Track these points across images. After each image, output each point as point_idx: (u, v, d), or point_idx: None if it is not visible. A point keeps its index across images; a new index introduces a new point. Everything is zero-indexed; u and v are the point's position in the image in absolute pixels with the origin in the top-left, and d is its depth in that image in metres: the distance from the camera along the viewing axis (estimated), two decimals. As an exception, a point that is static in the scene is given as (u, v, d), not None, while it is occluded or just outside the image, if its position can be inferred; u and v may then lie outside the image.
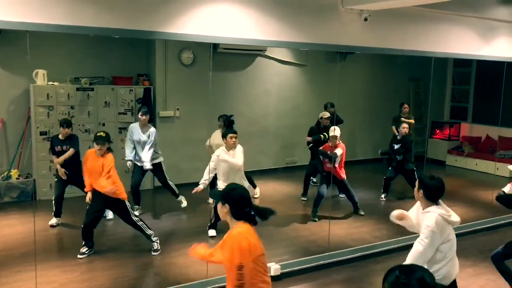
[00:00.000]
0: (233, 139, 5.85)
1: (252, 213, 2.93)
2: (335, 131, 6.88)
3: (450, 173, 10.65)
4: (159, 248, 5.66)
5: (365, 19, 5.44)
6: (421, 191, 3.43)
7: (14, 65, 7.43)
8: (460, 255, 5.21)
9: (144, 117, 6.77)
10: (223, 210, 2.92)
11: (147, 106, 8.11)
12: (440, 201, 3.49)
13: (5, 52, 7.32)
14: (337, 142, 6.92)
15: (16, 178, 7.44)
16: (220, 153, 5.91)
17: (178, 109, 8.54)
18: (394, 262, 5.65)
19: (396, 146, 7.99)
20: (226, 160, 5.83)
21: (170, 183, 7.15)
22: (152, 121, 8.29)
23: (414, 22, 5.94)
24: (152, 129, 6.90)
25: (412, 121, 9.11)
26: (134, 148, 6.85)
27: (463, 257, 5.64)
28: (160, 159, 7.02)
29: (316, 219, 6.89)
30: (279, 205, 7.51)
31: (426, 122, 11.48)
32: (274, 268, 5.11)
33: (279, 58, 9.78)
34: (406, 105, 9.41)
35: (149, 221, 6.78)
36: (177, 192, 7.23)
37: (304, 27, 5.14)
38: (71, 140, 6.35)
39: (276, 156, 9.97)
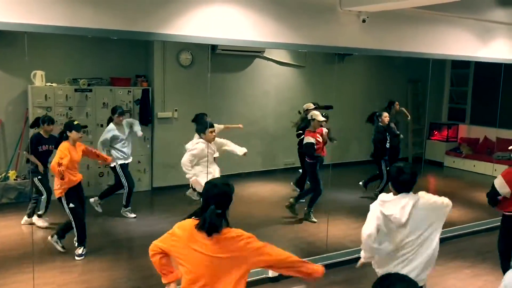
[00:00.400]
0: (213, 133, 5.98)
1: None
2: (320, 116, 6.90)
3: (448, 175, 10.67)
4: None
5: (363, 21, 5.44)
6: (390, 183, 3.41)
7: (12, 66, 7.42)
8: (458, 256, 5.25)
9: (121, 118, 6.81)
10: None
11: (145, 107, 8.15)
12: (411, 193, 3.33)
13: (3, 53, 7.31)
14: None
15: (14, 179, 7.43)
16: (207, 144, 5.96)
17: (176, 110, 8.54)
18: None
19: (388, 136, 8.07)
20: (233, 150, 6.30)
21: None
22: (150, 122, 8.32)
23: (412, 24, 5.95)
24: (130, 120, 7.12)
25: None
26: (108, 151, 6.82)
27: (462, 259, 5.66)
28: None
29: (315, 220, 6.89)
30: (277, 206, 7.51)
31: (424, 123, 11.49)
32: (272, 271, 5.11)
33: (278, 60, 9.79)
34: (397, 103, 9.39)
35: (146, 222, 6.80)
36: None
37: (302, 29, 5.14)
38: (56, 139, 6.06)
39: (275, 157, 9.97)
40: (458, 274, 5.38)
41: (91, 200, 6.81)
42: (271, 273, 5.07)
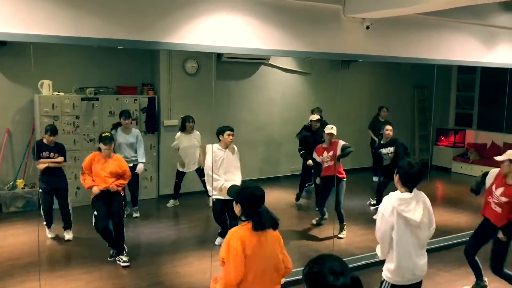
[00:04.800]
0: (231, 137, 5.89)
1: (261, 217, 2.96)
2: (333, 128, 6.68)
3: (455, 180, 10.61)
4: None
5: (367, 27, 5.45)
6: (397, 175, 3.54)
7: (20, 75, 7.49)
8: (465, 262, 5.20)
9: (127, 121, 6.96)
10: (236, 209, 3.03)
11: (152, 115, 8.20)
12: (416, 190, 3.55)
13: (10, 63, 7.39)
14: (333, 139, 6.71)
15: (22, 188, 7.47)
16: (218, 150, 5.87)
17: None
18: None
19: (384, 151, 7.58)
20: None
21: None
22: (156, 130, 8.36)
23: (416, 30, 5.95)
24: (137, 131, 7.25)
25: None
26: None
27: (468, 264, 5.59)
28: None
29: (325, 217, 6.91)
30: (283, 213, 7.49)
31: (431, 129, 11.45)
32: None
33: (283, 67, 9.81)
34: (385, 109, 9.41)
35: (152, 230, 6.82)
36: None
37: (306, 36, 5.16)
38: (61, 148, 6.24)
39: (281, 164, 9.97)
40: (466, 281, 5.34)
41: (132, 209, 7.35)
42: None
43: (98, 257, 5.73)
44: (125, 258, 5.55)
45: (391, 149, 7.53)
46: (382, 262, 3.70)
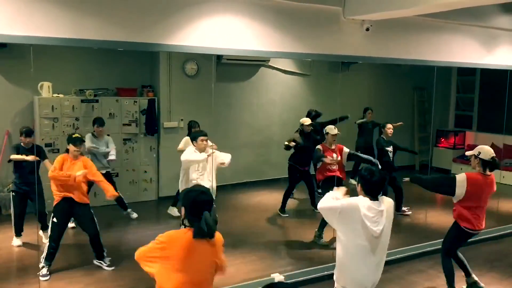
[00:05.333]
0: (205, 142, 5.74)
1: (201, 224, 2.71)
2: (335, 129, 6.62)
3: (455, 182, 10.59)
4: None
5: (367, 29, 5.46)
6: (359, 184, 3.42)
7: (19, 77, 7.48)
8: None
9: (100, 129, 7.03)
10: (181, 212, 2.87)
11: (151, 117, 8.19)
12: (381, 198, 3.40)
13: (10, 65, 7.38)
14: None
15: (21, 190, 7.44)
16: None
17: (182, 119, 8.56)
18: (403, 271, 5.64)
19: (389, 149, 7.64)
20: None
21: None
22: (156, 132, 8.35)
23: (416, 32, 5.95)
24: (109, 138, 7.26)
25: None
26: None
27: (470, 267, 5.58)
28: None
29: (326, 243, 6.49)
30: (282, 216, 7.51)
31: (431, 130, 11.45)
32: (278, 278, 5.10)
33: (283, 68, 9.81)
34: (370, 111, 9.48)
35: (152, 232, 6.80)
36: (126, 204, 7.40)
37: (306, 38, 5.16)
38: (38, 150, 6.03)
39: (281, 166, 9.93)
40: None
41: (124, 212, 7.35)
42: (277, 279, 5.05)
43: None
44: (108, 262, 5.59)
45: (391, 147, 7.69)
46: (385, 263, 3.63)
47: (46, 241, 5.77)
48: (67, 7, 3.89)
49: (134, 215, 7.39)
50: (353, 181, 7.93)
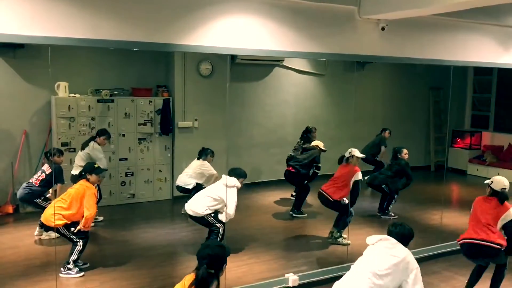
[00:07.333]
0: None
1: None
2: (358, 152, 6.61)
3: (471, 183, 10.49)
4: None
5: (383, 29, 5.42)
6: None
7: (37, 77, 7.59)
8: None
9: (106, 142, 7.18)
10: None
11: (166, 117, 8.24)
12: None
13: (27, 65, 7.49)
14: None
15: (38, 189, 7.53)
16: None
17: (196, 119, 8.61)
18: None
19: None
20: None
21: None
22: (171, 131, 8.40)
23: (432, 31, 5.90)
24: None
25: None
26: None
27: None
28: None
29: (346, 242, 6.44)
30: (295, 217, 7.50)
31: (446, 131, 11.35)
32: (292, 279, 5.10)
33: (297, 68, 9.80)
34: (388, 132, 9.41)
35: (167, 231, 6.85)
36: None
37: (321, 37, 5.15)
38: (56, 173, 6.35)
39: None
40: (480, 286, 5.27)
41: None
42: (291, 282, 5.05)
43: (113, 258, 5.78)
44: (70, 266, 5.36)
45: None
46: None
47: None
48: (84, 8, 3.93)
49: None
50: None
